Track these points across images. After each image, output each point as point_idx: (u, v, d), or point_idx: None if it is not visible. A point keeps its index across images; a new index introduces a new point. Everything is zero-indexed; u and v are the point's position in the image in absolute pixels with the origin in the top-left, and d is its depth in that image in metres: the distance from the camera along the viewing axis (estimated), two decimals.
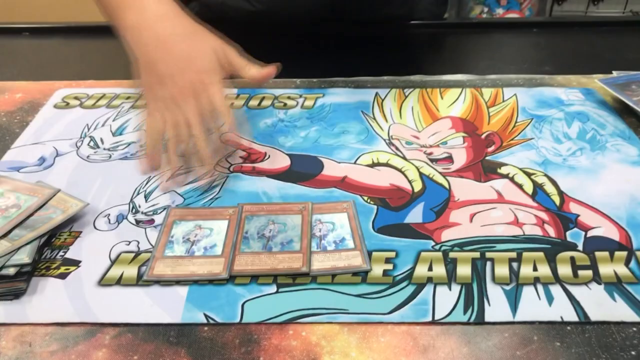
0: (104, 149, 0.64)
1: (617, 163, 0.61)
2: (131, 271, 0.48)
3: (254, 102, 0.72)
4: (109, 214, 0.54)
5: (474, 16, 2.10)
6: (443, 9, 1.04)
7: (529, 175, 0.59)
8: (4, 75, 0.80)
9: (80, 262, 0.49)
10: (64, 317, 0.44)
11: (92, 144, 0.65)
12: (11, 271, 0.46)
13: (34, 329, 0.44)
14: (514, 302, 0.45)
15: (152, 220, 0.54)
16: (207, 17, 0.94)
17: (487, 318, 0.44)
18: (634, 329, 0.43)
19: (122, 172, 0.60)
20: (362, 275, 0.48)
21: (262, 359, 0.41)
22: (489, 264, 0.48)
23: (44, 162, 0.62)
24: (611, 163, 0.61)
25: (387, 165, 0.61)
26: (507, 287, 0.46)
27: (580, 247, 0.50)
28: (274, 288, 0.47)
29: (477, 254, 0.49)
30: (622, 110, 0.70)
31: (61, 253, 0.50)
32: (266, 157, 0.62)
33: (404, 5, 0.96)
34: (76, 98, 0.73)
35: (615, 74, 0.74)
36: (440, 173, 0.59)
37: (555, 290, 0.46)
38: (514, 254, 0.49)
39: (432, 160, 0.61)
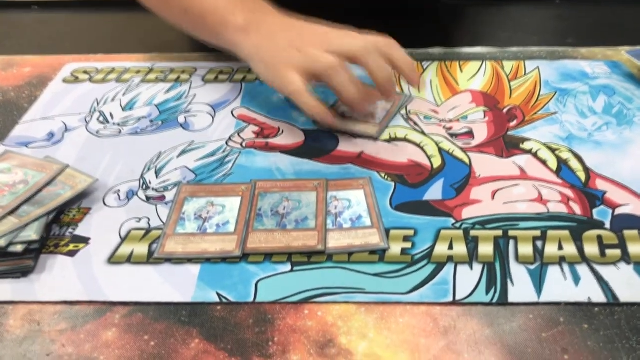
0: (114, 123, 0.62)
1: None
2: (142, 249, 0.47)
3: None
4: (119, 190, 0.53)
5: None
6: None
7: (552, 150, 0.57)
8: (12, 49, 0.79)
9: (89, 239, 0.48)
10: (73, 296, 0.43)
11: (101, 118, 0.63)
12: (19, 248, 0.45)
13: (42, 307, 0.42)
14: (538, 282, 0.43)
15: (163, 197, 0.52)
16: None
17: (511, 299, 0.42)
18: None
19: (132, 148, 0.58)
20: (379, 254, 0.46)
21: (276, 340, 0.40)
22: (512, 242, 0.46)
23: (52, 138, 0.60)
24: (639, 138, 0.58)
25: (405, 140, 0.59)
26: (532, 267, 0.44)
27: (607, 226, 0.48)
28: (288, 267, 0.45)
29: (499, 232, 0.47)
30: None
31: (70, 230, 0.49)
32: (280, 132, 0.60)
33: None
34: (85, 72, 0.72)
35: None
36: (460, 148, 0.57)
37: (582, 270, 0.44)
38: (538, 233, 0.47)
39: (451, 135, 0.59)
